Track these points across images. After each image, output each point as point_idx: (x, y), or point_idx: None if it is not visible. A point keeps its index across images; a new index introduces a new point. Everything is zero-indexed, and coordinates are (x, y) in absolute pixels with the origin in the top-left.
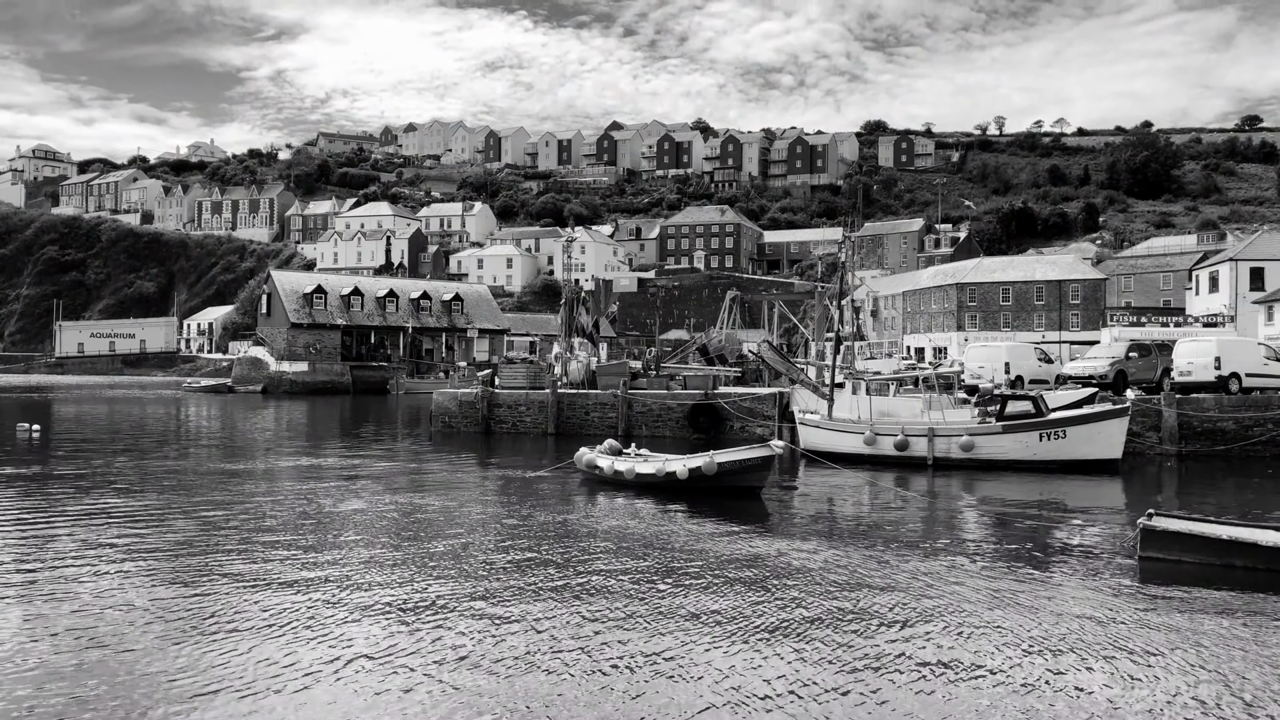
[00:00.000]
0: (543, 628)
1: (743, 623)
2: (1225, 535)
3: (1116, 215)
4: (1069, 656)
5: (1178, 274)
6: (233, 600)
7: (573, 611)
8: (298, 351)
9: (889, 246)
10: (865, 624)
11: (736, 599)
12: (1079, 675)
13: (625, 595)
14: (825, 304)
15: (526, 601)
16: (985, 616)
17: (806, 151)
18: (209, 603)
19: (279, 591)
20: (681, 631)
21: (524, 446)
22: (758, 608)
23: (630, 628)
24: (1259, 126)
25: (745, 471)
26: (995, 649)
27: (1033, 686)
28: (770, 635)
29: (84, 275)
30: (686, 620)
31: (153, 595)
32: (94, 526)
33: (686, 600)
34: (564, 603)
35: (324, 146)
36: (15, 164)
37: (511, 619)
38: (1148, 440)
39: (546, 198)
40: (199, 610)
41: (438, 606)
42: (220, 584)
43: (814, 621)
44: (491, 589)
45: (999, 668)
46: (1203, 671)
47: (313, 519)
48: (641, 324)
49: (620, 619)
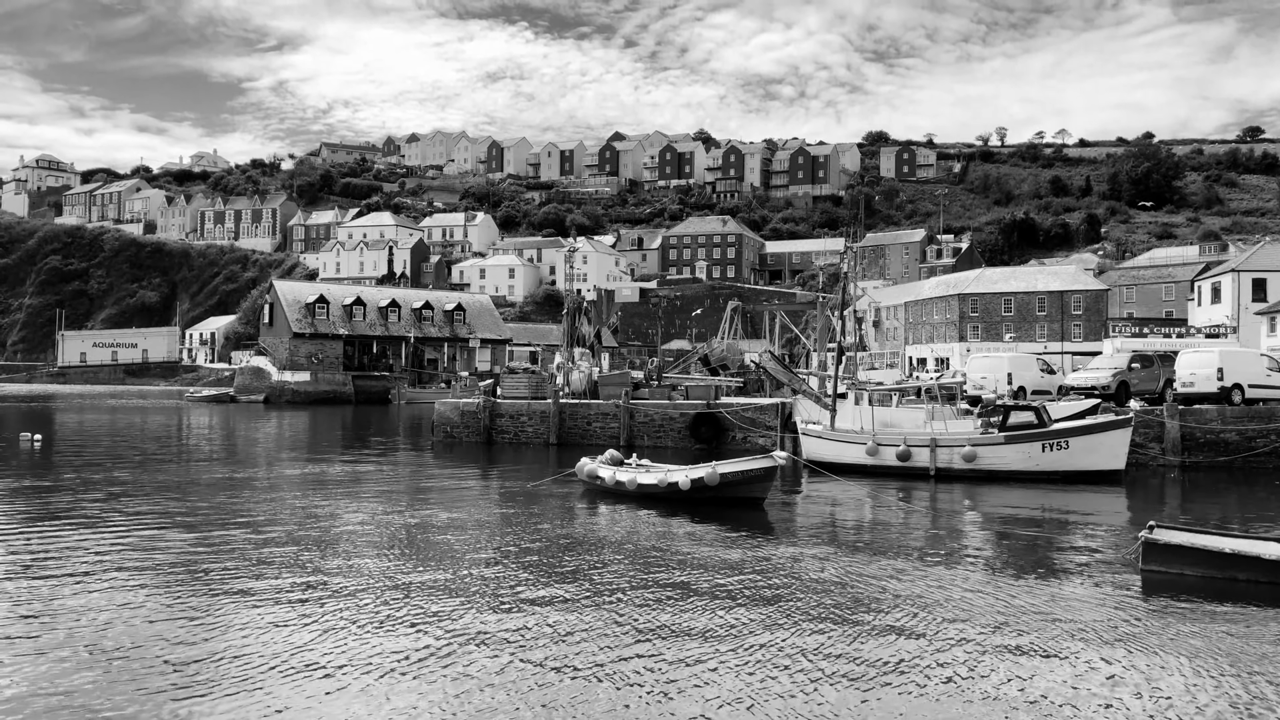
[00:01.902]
0: (543, 640)
1: (746, 636)
2: (1228, 548)
3: (1118, 226)
4: (1070, 669)
5: (1180, 285)
6: (234, 617)
7: (574, 623)
8: (300, 361)
9: (891, 257)
10: (867, 636)
11: (739, 610)
12: (1081, 688)
13: (627, 606)
14: (827, 314)
15: (527, 613)
16: (987, 629)
17: (808, 162)
18: (212, 617)
19: (281, 605)
20: (683, 644)
21: (526, 457)
22: (761, 619)
23: (632, 638)
24: (1260, 138)
25: (748, 482)
26: (997, 661)
27: (1034, 699)
28: (773, 647)
29: (87, 285)
30: (689, 632)
31: (153, 604)
32: (92, 536)
33: (689, 612)
34: (565, 614)
35: (327, 157)
36: (19, 174)
37: (512, 631)
38: (1150, 451)
39: (549, 208)
40: (202, 620)
41: (439, 619)
42: (221, 599)
43: (816, 633)
44: (492, 601)
45: (1000, 680)
46: (1204, 686)
47: (314, 530)
48: (643, 334)
49: (622, 630)
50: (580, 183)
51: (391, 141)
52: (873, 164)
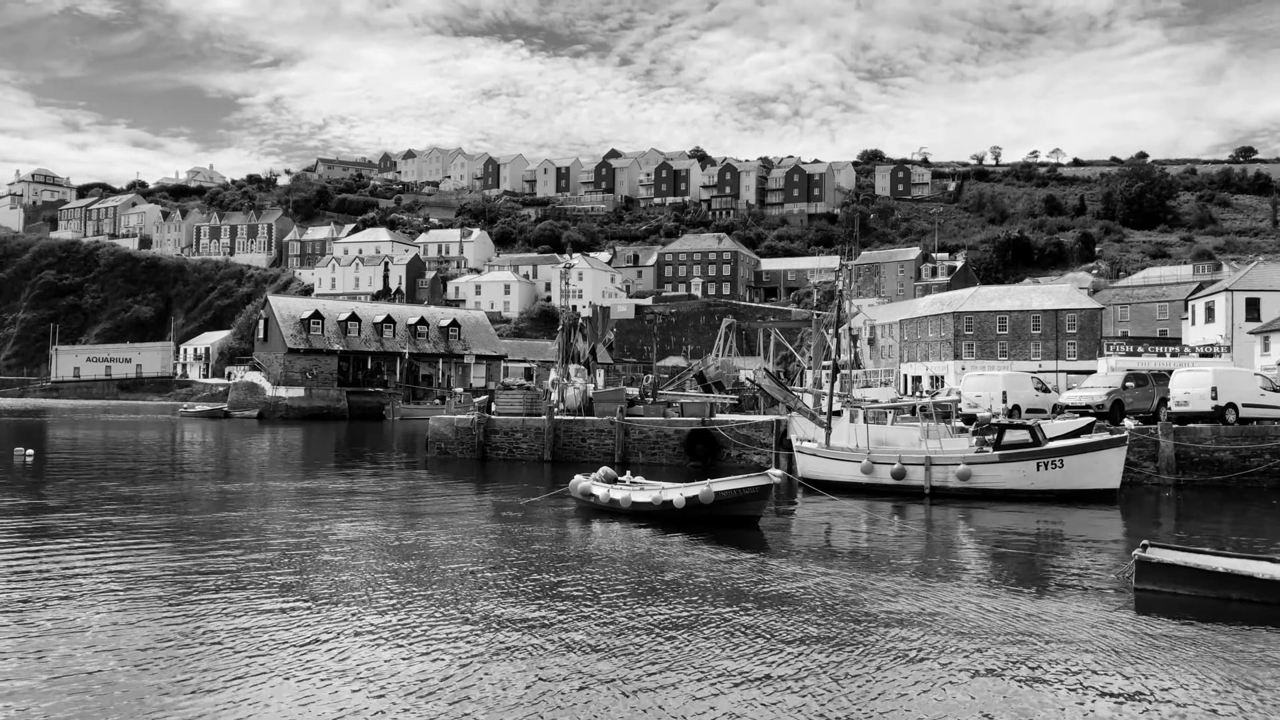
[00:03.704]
0: (533, 658)
1: (739, 657)
2: (1221, 568)
3: (1112, 245)
4: (1062, 689)
5: (1174, 304)
6: (225, 634)
7: (566, 641)
8: (294, 377)
9: (886, 275)
10: (860, 656)
11: (733, 630)
12: (1071, 707)
13: (618, 627)
14: (822, 332)
15: (517, 632)
16: (979, 648)
17: (804, 180)
18: (203, 633)
19: (271, 621)
20: (676, 663)
21: (520, 473)
22: (754, 640)
23: (623, 658)
24: (1253, 158)
25: (743, 500)
26: (988, 680)
27: (1025, 718)
28: (766, 666)
29: (81, 299)
30: (680, 652)
31: (144, 620)
32: (83, 553)
33: (682, 632)
34: (555, 634)
35: (323, 172)
36: (14, 188)
37: (504, 649)
38: (1145, 470)
39: (545, 224)
40: (192, 640)
41: (428, 638)
42: (212, 615)
43: (809, 651)
44: (481, 620)
45: (991, 699)
46: (1196, 706)
47: (305, 547)
48: (639, 350)
49: (612, 650)
50: (576, 199)
51: (388, 157)
52: (868, 182)
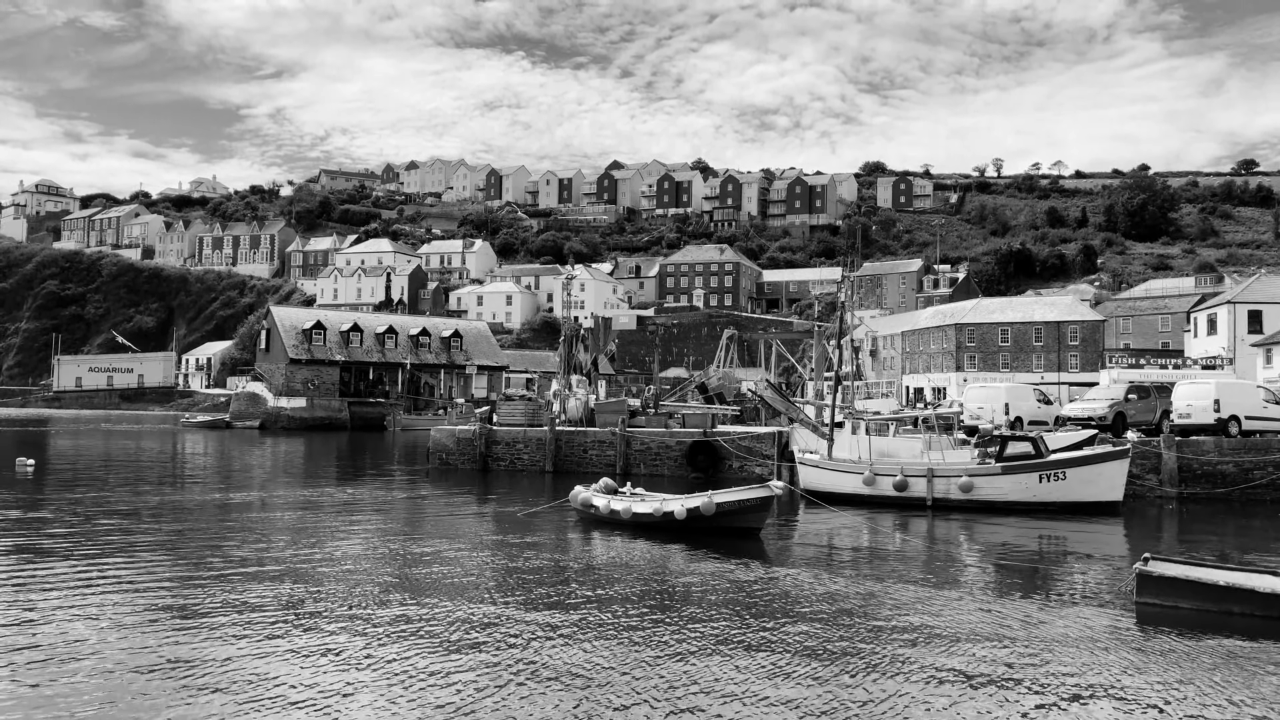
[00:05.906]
0: (534, 670)
1: (741, 671)
2: (1222, 581)
3: (1114, 257)
4: (1063, 702)
5: (1175, 316)
6: (225, 644)
7: (565, 654)
8: (296, 387)
9: (888, 286)
10: (860, 668)
11: (734, 642)
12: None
13: (618, 638)
14: (824, 343)
15: (519, 642)
16: (980, 660)
17: (805, 192)
18: (203, 647)
19: (272, 632)
20: (677, 675)
21: (521, 484)
22: (755, 652)
23: (624, 669)
24: (1255, 170)
25: (744, 512)
26: (988, 692)
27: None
28: (767, 678)
29: (83, 309)
30: (681, 663)
31: (144, 631)
32: (84, 563)
33: (682, 643)
34: (556, 644)
35: (326, 183)
36: (18, 198)
37: (504, 662)
38: (1148, 482)
39: (547, 235)
40: (193, 653)
41: (430, 648)
42: (214, 630)
43: (810, 663)
44: (479, 631)
45: (991, 712)
46: (1198, 719)
47: (306, 557)
48: (640, 362)
49: (612, 661)
50: (578, 211)
51: (390, 169)
52: (870, 194)
